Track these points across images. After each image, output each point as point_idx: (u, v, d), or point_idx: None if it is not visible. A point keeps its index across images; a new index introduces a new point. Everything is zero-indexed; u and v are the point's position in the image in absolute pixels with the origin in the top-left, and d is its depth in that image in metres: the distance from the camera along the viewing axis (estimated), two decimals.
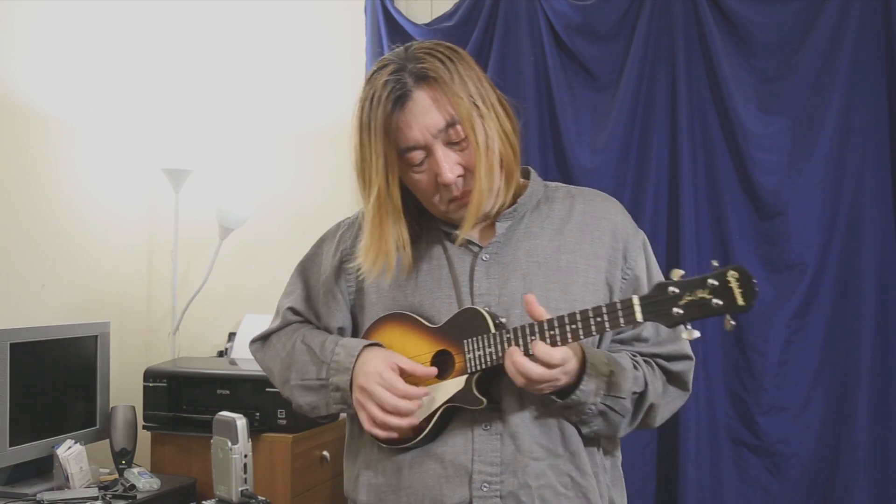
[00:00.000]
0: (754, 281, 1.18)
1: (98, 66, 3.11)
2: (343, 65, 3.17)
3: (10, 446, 2.49)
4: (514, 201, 1.43)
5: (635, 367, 1.40)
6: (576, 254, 1.42)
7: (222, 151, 3.30)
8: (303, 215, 3.18)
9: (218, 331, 3.29)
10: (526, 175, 1.49)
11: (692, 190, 2.73)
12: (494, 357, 1.32)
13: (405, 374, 1.37)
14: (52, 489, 2.49)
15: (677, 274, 1.23)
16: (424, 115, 1.33)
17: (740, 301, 1.18)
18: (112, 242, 3.21)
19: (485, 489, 1.34)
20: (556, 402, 1.34)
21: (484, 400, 1.34)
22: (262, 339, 1.59)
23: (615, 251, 1.44)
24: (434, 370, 1.37)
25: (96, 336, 2.81)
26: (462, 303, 1.39)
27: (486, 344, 1.32)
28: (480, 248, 1.42)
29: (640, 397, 1.39)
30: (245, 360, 2.89)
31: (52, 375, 2.67)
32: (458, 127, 1.34)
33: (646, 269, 1.46)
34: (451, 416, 1.37)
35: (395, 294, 1.44)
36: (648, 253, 1.48)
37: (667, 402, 1.45)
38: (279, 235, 3.19)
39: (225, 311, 3.28)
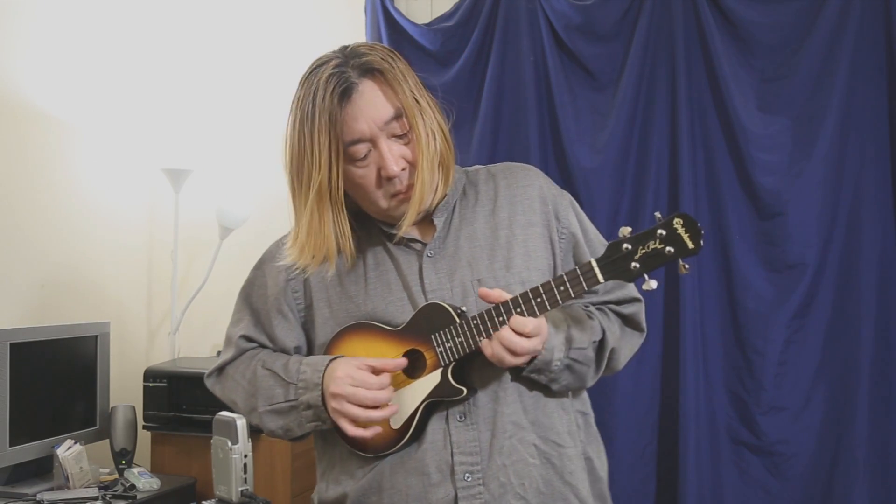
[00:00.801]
0: (699, 224, 1.26)
1: (98, 66, 3.11)
2: None
3: (10, 446, 2.49)
4: (443, 194, 1.44)
5: (590, 317, 1.44)
6: (512, 227, 1.44)
7: (222, 151, 3.30)
8: None
9: (218, 331, 3.27)
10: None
11: (692, 190, 2.73)
12: (466, 345, 1.33)
13: (376, 372, 1.36)
14: (52, 489, 2.49)
15: (625, 231, 1.28)
16: (371, 106, 1.33)
17: (690, 244, 1.26)
18: (112, 242, 3.21)
19: (468, 479, 1.35)
20: (525, 368, 1.35)
21: (464, 389, 1.35)
22: (218, 372, 1.56)
23: (546, 214, 1.46)
24: (404, 361, 1.37)
25: (96, 336, 2.81)
26: (416, 303, 1.39)
27: (455, 334, 1.34)
28: (424, 245, 1.43)
29: (599, 344, 1.43)
30: None
31: (52, 375, 2.67)
32: (403, 119, 1.34)
33: (578, 224, 1.49)
34: (431, 411, 1.38)
35: (347, 305, 1.43)
36: (577, 210, 1.51)
37: (625, 344, 1.49)
38: (279, 235, 3.18)
39: (225, 311, 3.23)
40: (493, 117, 2.93)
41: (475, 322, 1.32)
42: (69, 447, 2.53)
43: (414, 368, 1.38)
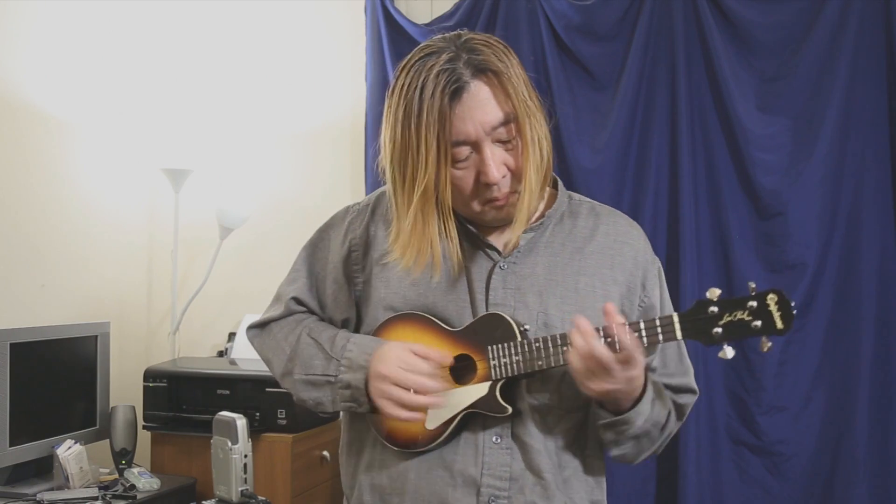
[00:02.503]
0: (792, 304, 1.19)
1: (98, 66, 3.11)
2: (343, 65, 3.17)
3: (10, 446, 2.49)
4: (542, 213, 1.39)
5: (665, 393, 1.39)
6: (594, 277, 1.38)
7: (222, 151, 3.30)
8: (303, 215, 3.17)
9: (218, 331, 3.29)
10: (553, 184, 1.45)
11: (692, 190, 2.73)
12: (522, 365, 1.29)
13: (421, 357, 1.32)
14: (52, 489, 2.49)
15: (714, 293, 1.22)
16: (481, 109, 1.26)
17: (780, 324, 1.20)
18: (112, 242, 3.20)
19: (492, 503, 1.32)
20: (606, 419, 1.31)
21: (509, 408, 1.30)
22: (261, 326, 1.51)
23: (634, 278, 1.40)
24: (450, 358, 1.32)
25: (96, 336, 2.81)
26: (476, 309, 1.35)
27: (514, 352, 1.29)
28: (500, 255, 1.37)
29: (663, 426, 1.38)
30: (245, 361, 2.89)
31: (52, 375, 2.67)
32: (511, 125, 1.28)
33: (660, 297, 1.44)
34: (466, 423, 1.34)
35: (407, 291, 1.38)
36: (662, 282, 1.45)
37: (671, 434, 1.43)
38: (279, 235, 3.19)
39: (225, 311, 3.28)
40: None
41: (537, 345, 1.28)
42: (69, 447, 2.53)
43: (462, 374, 1.34)
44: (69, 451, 2.51)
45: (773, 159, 2.69)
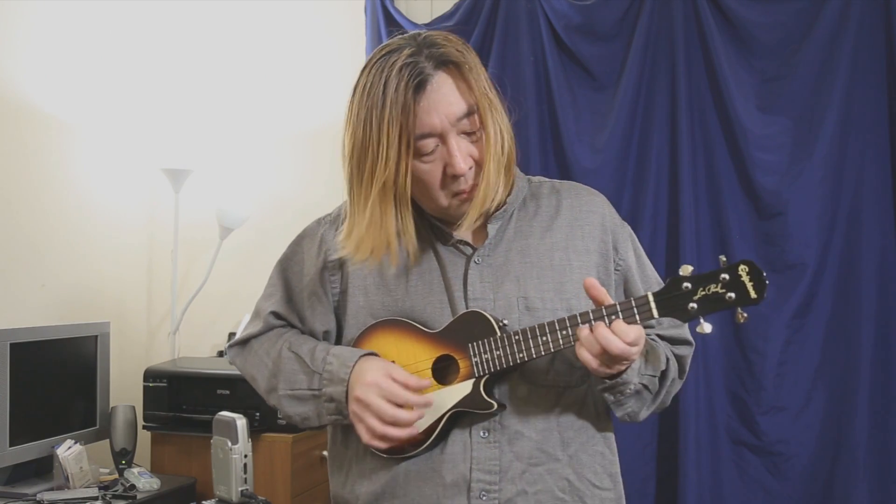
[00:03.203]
0: (764, 274, 1.21)
1: (98, 66, 3.11)
2: (343, 65, 3.17)
3: (10, 446, 2.49)
4: (503, 201, 1.40)
5: (655, 345, 1.40)
6: (567, 250, 1.40)
7: (222, 151, 3.30)
8: (303, 215, 3.14)
9: (218, 331, 3.29)
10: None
11: (692, 190, 2.73)
12: (504, 360, 1.30)
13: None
14: (52, 489, 2.49)
15: (687, 270, 1.24)
16: (445, 100, 1.28)
17: (753, 294, 1.21)
18: (112, 242, 3.21)
19: (483, 498, 1.32)
20: (606, 383, 1.31)
21: (494, 403, 1.32)
22: (242, 344, 1.51)
23: (605, 244, 1.42)
24: (427, 382, 1.33)
25: (96, 336, 2.81)
26: (456, 308, 1.36)
27: (494, 346, 1.30)
28: (474, 249, 1.38)
29: (662, 375, 1.39)
30: None
31: (52, 375, 2.67)
32: (475, 116, 1.30)
33: (635, 259, 1.45)
34: (454, 422, 1.35)
35: (384, 298, 1.39)
36: (636, 243, 1.48)
37: (674, 385, 1.44)
38: (279, 235, 3.15)
39: (225, 311, 3.28)
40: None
41: (517, 338, 1.29)
42: (69, 447, 2.53)
43: (445, 375, 1.35)
44: (69, 451, 2.51)
45: (773, 159, 2.69)
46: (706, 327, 1.23)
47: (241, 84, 3.32)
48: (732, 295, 1.21)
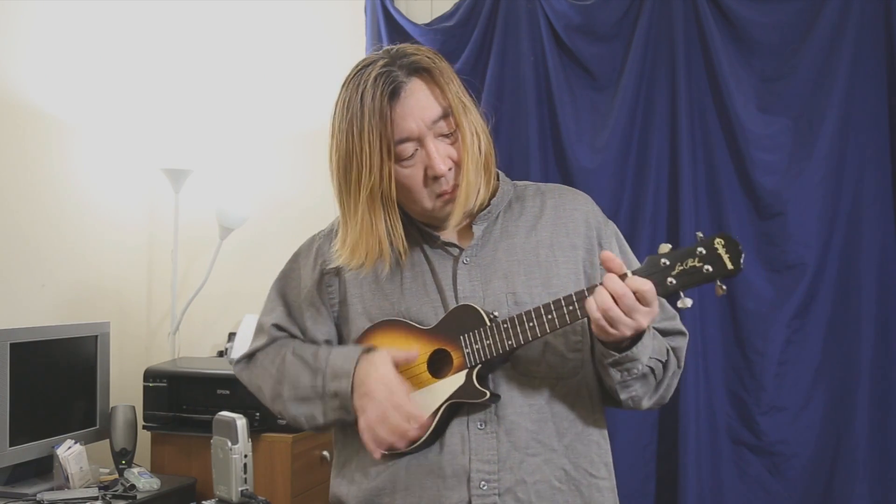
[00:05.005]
0: (740, 246, 1.23)
1: (98, 66, 3.11)
2: (343, 65, 3.11)
3: (10, 446, 2.49)
4: (488, 203, 1.44)
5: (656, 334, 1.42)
6: (553, 247, 1.43)
7: (222, 151, 3.30)
8: (302, 215, 3.17)
9: (218, 331, 3.29)
10: (496, 179, 1.50)
11: (692, 190, 2.73)
12: (494, 348, 1.33)
13: (398, 367, 1.37)
14: (52, 489, 2.49)
15: (665, 247, 1.27)
16: (419, 105, 1.34)
17: (729, 265, 1.23)
18: (112, 242, 3.21)
19: (483, 487, 1.34)
20: (613, 356, 1.31)
21: (487, 392, 1.34)
22: (248, 358, 1.55)
23: (590, 239, 1.46)
24: (415, 353, 1.37)
25: (96, 336, 2.81)
26: (448, 307, 1.39)
27: (484, 336, 1.34)
28: (461, 249, 1.42)
29: (665, 364, 1.41)
30: None
31: (52, 375, 2.67)
32: (450, 119, 1.35)
33: (620, 253, 1.46)
34: (451, 414, 1.37)
35: (381, 303, 1.43)
36: (621, 240, 1.51)
37: (675, 376, 1.46)
38: (279, 235, 3.18)
39: (225, 311, 3.28)
40: (493, 117, 2.93)
41: (505, 325, 1.32)
42: (69, 447, 2.53)
43: (440, 368, 1.38)
44: (69, 451, 2.52)
45: (773, 159, 2.69)
46: (687, 302, 1.25)
47: (241, 84, 3.32)
48: (709, 268, 1.23)
